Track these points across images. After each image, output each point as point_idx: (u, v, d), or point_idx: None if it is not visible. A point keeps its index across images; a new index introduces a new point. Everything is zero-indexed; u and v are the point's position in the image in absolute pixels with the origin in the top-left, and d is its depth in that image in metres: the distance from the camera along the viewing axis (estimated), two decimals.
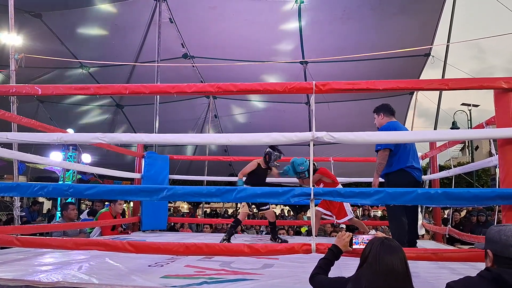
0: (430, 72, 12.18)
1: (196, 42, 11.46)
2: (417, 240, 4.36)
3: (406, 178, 3.99)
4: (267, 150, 5.52)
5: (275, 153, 5.47)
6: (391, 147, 4.00)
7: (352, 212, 5.81)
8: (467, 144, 22.58)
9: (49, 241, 3.33)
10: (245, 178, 5.50)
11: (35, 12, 10.30)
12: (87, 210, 7.80)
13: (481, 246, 1.92)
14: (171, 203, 15.92)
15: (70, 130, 9.02)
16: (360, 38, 10.58)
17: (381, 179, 4.20)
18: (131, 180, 7.19)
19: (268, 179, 5.76)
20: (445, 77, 10.37)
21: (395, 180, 4.00)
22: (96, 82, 12.20)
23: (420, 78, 11.35)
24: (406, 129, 4.46)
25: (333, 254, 2.35)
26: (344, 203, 5.60)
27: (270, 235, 5.80)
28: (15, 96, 6.18)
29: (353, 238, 2.42)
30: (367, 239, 2.11)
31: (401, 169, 4.03)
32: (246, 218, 5.92)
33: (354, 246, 2.40)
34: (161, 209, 6.97)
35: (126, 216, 9.62)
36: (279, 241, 5.37)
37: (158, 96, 9.30)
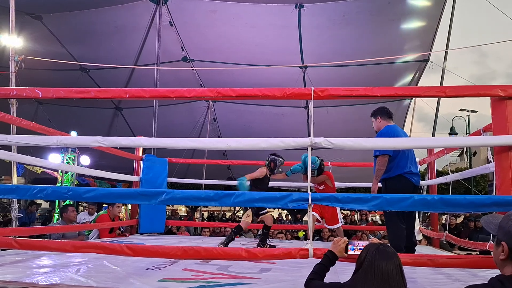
0: (430, 77, 12.25)
1: (196, 45, 11.50)
2: (415, 246, 4.36)
3: (404, 184, 3.99)
4: (270, 157, 5.55)
5: (280, 160, 5.54)
6: (390, 153, 4.00)
7: (342, 220, 5.91)
8: (465, 150, 22.63)
9: (47, 244, 3.34)
10: (249, 182, 5.47)
11: (36, 14, 10.34)
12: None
13: (490, 227, 1.66)
14: (169, 206, 15.91)
15: (74, 133, 9.01)
16: (359, 44, 10.63)
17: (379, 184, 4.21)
18: (130, 182, 7.19)
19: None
20: (444, 83, 10.44)
21: (393, 186, 4.00)
22: (96, 84, 12.23)
23: (419, 84, 11.42)
24: (405, 133, 4.44)
25: (329, 259, 2.37)
26: (337, 210, 5.66)
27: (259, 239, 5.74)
28: (15, 98, 6.18)
29: (349, 244, 2.44)
30: (363, 245, 2.13)
31: (399, 175, 4.03)
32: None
33: (349, 252, 2.41)
34: (159, 212, 6.97)
35: (124, 219, 9.62)
36: (267, 247, 5.33)
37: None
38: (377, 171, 4.07)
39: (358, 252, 2.03)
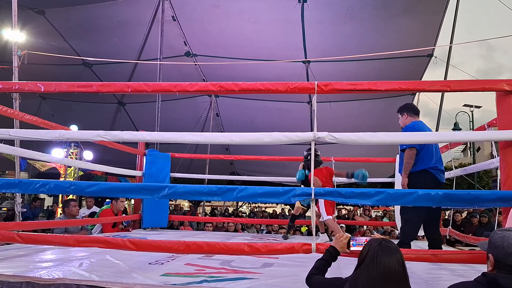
0: (436, 72, 12.18)
1: (199, 40, 11.47)
2: (441, 243, 4.24)
3: (428, 179, 3.90)
4: (304, 153, 5.95)
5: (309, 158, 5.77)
6: (416, 146, 3.92)
7: (325, 214, 5.43)
8: (468, 145, 22.56)
9: (50, 238, 3.34)
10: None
11: (38, 8, 10.33)
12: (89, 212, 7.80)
13: (484, 247, 1.90)
14: (172, 201, 15.97)
15: (74, 127, 9.03)
16: (362, 38, 10.58)
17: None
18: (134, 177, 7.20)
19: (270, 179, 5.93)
20: (448, 78, 10.38)
21: (417, 180, 3.90)
22: (98, 79, 12.22)
23: (423, 79, 11.34)
24: (430, 130, 4.28)
25: (331, 255, 2.35)
26: (320, 205, 5.39)
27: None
28: (18, 93, 6.19)
29: (351, 240, 2.42)
30: (365, 241, 2.11)
31: (424, 170, 3.94)
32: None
33: (352, 248, 2.39)
34: (162, 207, 6.98)
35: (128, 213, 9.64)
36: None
37: (160, 94, 9.31)
38: (405, 165, 3.96)
39: (360, 248, 2.02)
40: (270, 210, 18.16)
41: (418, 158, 3.96)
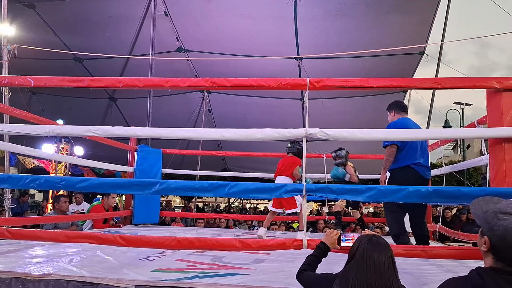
0: (426, 69, 12.27)
1: (191, 35, 11.42)
2: (428, 238, 4.22)
3: (411, 175, 3.91)
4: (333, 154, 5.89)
5: (337, 153, 5.78)
6: (398, 143, 3.93)
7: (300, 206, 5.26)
8: (459, 142, 22.76)
9: (40, 234, 3.32)
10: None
11: (29, 2, 10.21)
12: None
13: (480, 218, 1.62)
14: (163, 197, 15.93)
15: (60, 121, 8.95)
16: (355, 35, 10.61)
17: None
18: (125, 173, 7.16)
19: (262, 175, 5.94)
20: (439, 75, 10.45)
21: (399, 177, 3.91)
22: (90, 74, 12.13)
23: (414, 76, 11.42)
24: (417, 125, 4.26)
25: (321, 251, 2.36)
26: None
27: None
28: (7, 87, 6.12)
29: (341, 236, 2.43)
30: (355, 237, 2.13)
31: (407, 166, 3.95)
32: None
33: (342, 244, 2.41)
34: (153, 203, 6.96)
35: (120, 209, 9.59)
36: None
37: (151, 90, 9.26)
38: (385, 162, 3.99)
39: (351, 244, 2.03)
40: (262, 207, 18.19)
41: (401, 154, 3.97)
